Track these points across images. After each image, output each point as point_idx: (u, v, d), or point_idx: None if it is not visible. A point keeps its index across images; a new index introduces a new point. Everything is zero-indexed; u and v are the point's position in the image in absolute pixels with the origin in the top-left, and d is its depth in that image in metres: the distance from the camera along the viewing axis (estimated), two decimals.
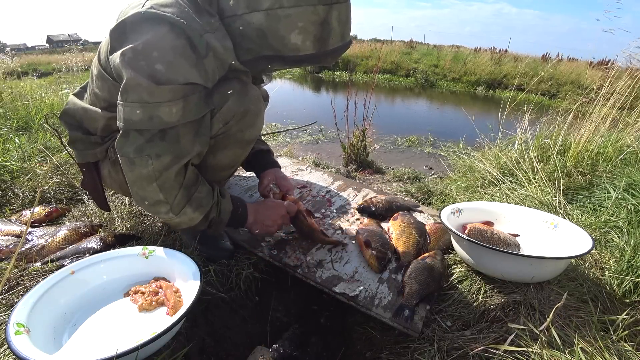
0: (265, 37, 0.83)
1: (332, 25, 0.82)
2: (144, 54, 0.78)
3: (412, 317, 0.99)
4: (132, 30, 0.81)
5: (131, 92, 0.80)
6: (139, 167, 0.85)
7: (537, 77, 3.76)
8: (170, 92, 0.81)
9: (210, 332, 1.06)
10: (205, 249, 1.14)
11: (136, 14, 0.80)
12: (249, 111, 0.99)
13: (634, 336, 0.89)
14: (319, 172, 1.95)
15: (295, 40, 0.82)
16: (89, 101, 1.05)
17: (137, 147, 0.84)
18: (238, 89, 0.95)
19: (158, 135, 0.84)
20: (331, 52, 0.87)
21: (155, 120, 0.83)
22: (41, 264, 1.02)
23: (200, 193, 0.96)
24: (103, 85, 0.97)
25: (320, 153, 3.44)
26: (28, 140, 1.87)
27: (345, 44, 0.90)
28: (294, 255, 1.22)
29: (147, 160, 0.84)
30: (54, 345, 0.76)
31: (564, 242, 1.13)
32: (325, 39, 0.83)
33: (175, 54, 0.80)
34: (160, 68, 0.79)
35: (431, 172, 3.13)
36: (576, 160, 1.85)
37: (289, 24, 0.80)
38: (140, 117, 0.82)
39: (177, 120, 0.84)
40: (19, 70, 3.37)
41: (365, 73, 11.67)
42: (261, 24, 0.81)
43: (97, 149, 1.06)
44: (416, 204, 1.65)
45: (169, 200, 0.90)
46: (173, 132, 0.86)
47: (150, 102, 0.81)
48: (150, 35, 0.78)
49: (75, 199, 1.51)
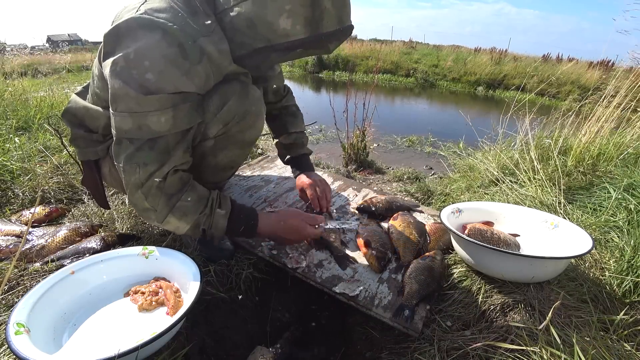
0: (254, 26, 0.81)
1: (324, 6, 0.78)
2: (135, 63, 0.79)
3: (412, 317, 0.99)
4: (125, 35, 0.80)
5: (120, 101, 0.81)
6: (129, 175, 0.86)
7: (537, 77, 3.76)
8: (158, 102, 0.81)
9: (210, 332, 1.06)
10: (205, 249, 1.14)
11: (130, 19, 0.79)
12: (250, 112, 0.99)
13: (634, 336, 0.89)
14: (319, 171, 1.95)
15: (284, 24, 0.78)
16: (90, 100, 1.05)
17: (127, 156, 0.85)
18: (238, 90, 0.95)
19: (147, 144, 0.85)
20: (327, 36, 0.82)
21: (144, 129, 0.83)
22: (41, 264, 1.02)
23: (184, 201, 0.91)
24: (104, 86, 0.97)
25: (320, 153, 3.44)
26: (28, 140, 1.87)
27: (345, 28, 0.84)
28: (294, 256, 1.22)
29: (136, 168, 0.85)
30: (54, 345, 0.76)
31: (564, 242, 1.13)
32: (317, 20, 0.79)
33: (166, 63, 0.80)
34: (150, 77, 0.79)
35: (431, 172, 3.13)
36: (577, 160, 1.85)
37: (276, 8, 0.77)
38: (129, 126, 0.83)
39: (167, 130, 0.85)
40: (19, 70, 3.36)
41: (365, 73, 11.67)
42: (249, 12, 0.80)
43: (99, 147, 1.07)
44: (416, 204, 1.65)
45: (155, 208, 0.89)
46: (162, 141, 0.86)
47: (139, 112, 0.81)
48: (142, 43, 0.78)
49: (75, 199, 1.51)
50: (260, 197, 1.59)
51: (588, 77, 9.09)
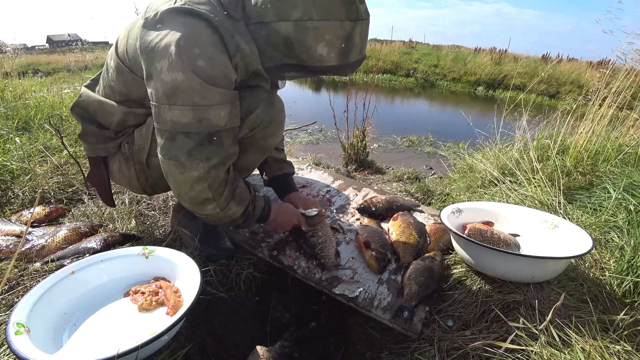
0: (292, 46, 0.85)
1: (355, 40, 0.86)
2: (186, 50, 0.79)
3: (411, 319, 0.99)
4: (169, 20, 0.82)
5: (180, 94, 0.82)
6: (190, 170, 0.88)
7: (537, 77, 3.76)
8: (221, 96, 0.84)
9: (210, 332, 1.06)
10: (205, 249, 1.14)
11: (172, 8, 0.82)
12: (274, 121, 1.03)
13: (633, 336, 0.89)
14: (319, 171, 1.95)
15: (321, 51, 0.85)
16: (102, 93, 1.05)
17: (188, 151, 0.86)
18: (266, 99, 0.99)
19: (207, 138, 0.87)
20: (350, 65, 0.90)
21: (205, 123, 0.85)
22: (41, 264, 1.02)
23: (240, 188, 1.01)
24: (119, 78, 0.98)
25: (320, 153, 3.44)
26: (28, 140, 1.87)
27: (362, 58, 0.93)
28: (293, 256, 1.22)
29: (198, 163, 0.87)
30: (54, 345, 0.76)
31: (564, 242, 1.13)
32: (347, 52, 0.87)
33: (215, 50, 0.82)
34: (202, 65, 0.80)
35: (431, 172, 3.13)
36: (576, 160, 1.85)
37: (317, 36, 0.83)
38: (189, 119, 0.84)
39: (224, 125, 0.88)
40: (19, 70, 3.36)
41: (365, 73, 11.65)
42: (289, 33, 0.83)
43: (110, 143, 1.07)
44: (416, 204, 1.65)
45: (216, 198, 0.94)
46: (220, 136, 0.89)
47: (201, 105, 0.83)
48: (189, 29, 0.80)
49: (75, 199, 1.51)
50: None
51: (587, 77, 9.09)
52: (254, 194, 1.07)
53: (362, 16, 0.85)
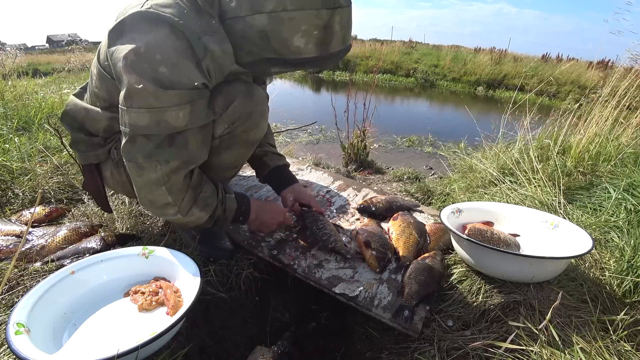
0: (267, 39, 0.82)
1: (335, 29, 0.82)
2: (146, 56, 0.78)
3: (411, 318, 0.99)
4: (131, 29, 0.81)
5: (136, 97, 0.81)
6: (148, 172, 0.86)
7: (537, 77, 3.76)
8: (177, 97, 0.81)
9: (210, 332, 1.06)
10: (205, 249, 1.14)
11: (136, 13, 0.80)
12: (255, 112, 1.00)
13: (633, 336, 0.89)
14: (319, 171, 1.95)
15: (298, 43, 0.82)
16: (89, 101, 1.05)
17: (146, 153, 0.85)
18: (243, 90, 0.96)
19: (166, 140, 0.85)
20: (333, 56, 0.87)
21: (163, 125, 0.83)
22: (41, 264, 1.02)
23: (205, 193, 0.98)
24: (102, 85, 0.97)
25: (320, 153, 3.44)
26: (28, 140, 1.87)
27: (346, 48, 0.90)
28: (293, 256, 1.22)
29: (156, 165, 0.86)
30: (54, 345, 0.76)
31: (564, 242, 1.13)
32: (327, 42, 0.83)
33: (178, 56, 0.80)
34: (164, 71, 0.79)
35: (431, 172, 3.13)
36: (576, 160, 1.85)
37: (293, 27, 0.79)
38: (147, 122, 0.82)
39: (184, 125, 0.85)
40: (19, 70, 3.36)
41: (365, 73, 11.66)
42: (264, 26, 0.81)
43: (100, 150, 1.06)
44: (416, 204, 1.65)
45: (177, 203, 0.91)
46: (181, 138, 0.86)
47: (157, 107, 0.81)
48: (151, 37, 0.78)
49: (75, 199, 1.51)
50: (261, 197, 1.59)
51: (587, 77, 9.09)
52: (222, 197, 1.04)
53: (340, 4, 0.80)
